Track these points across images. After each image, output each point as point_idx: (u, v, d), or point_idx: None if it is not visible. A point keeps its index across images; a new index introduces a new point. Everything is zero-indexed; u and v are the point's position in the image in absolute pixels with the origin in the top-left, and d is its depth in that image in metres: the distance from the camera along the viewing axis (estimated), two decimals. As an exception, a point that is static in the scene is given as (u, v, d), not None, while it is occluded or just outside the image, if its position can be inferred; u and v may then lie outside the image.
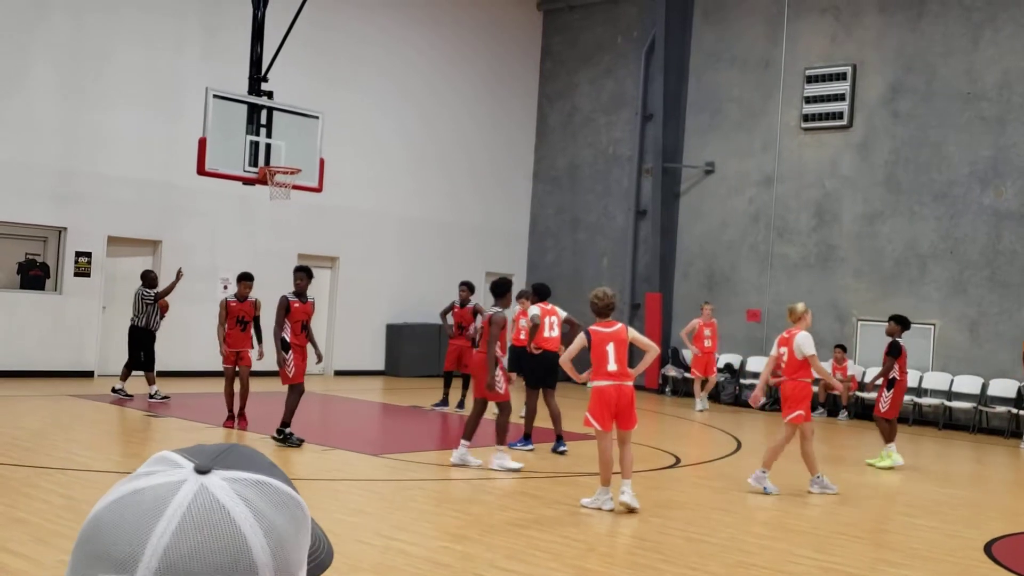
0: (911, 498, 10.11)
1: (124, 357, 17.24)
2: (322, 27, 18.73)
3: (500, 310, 10.39)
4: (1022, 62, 16.91)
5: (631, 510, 8.24)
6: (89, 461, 9.45)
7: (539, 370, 11.64)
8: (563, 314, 12.01)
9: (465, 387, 15.22)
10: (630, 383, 8.23)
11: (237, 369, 12.03)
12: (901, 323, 12.41)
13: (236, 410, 12.04)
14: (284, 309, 10.96)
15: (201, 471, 0.88)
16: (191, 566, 0.83)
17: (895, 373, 12.11)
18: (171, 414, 12.70)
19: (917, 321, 17.53)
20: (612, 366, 8.13)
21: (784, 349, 10.00)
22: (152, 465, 0.91)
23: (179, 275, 14.12)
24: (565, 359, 8.52)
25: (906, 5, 18.15)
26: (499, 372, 10.11)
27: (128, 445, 10.84)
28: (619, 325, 8.33)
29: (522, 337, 14.46)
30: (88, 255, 16.70)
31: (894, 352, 12.09)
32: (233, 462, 0.91)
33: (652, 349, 8.36)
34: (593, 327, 8.34)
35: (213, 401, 14.40)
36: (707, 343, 17.52)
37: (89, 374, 16.67)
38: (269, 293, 14.29)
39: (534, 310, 11.76)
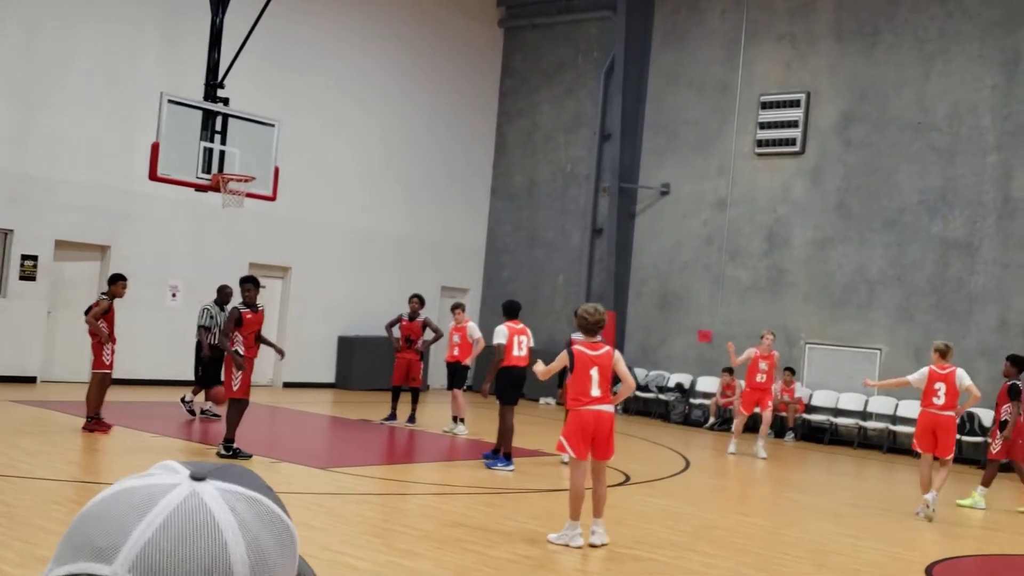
0: (857, 520, 10.21)
1: (69, 362, 17.00)
2: (281, 36, 18.63)
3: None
4: (972, 94, 17.28)
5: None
6: (31, 468, 9.25)
7: (509, 387, 11.59)
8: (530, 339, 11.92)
9: (414, 401, 15.16)
10: (610, 408, 7.75)
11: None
12: (1018, 364, 11.82)
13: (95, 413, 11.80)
14: (235, 321, 10.74)
15: (196, 478, 0.90)
16: (168, 563, 0.84)
17: (1007, 415, 11.65)
18: (119, 423, 12.44)
19: (864, 346, 17.80)
20: (595, 391, 7.64)
21: (942, 385, 10.39)
22: (153, 469, 0.93)
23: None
24: (542, 372, 8.03)
25: (860, 35, 18.48)
26: None
27: (70, 452, 10.63)
28: (606, 348, 7.77)
29: (456, 353, 14.50)
30: (35, 259, 16.40)
31: (1014, 394, 11.60)
32: (230, 476, 0.92)
33: (628, 382, 7.82)
34: (578, 347, 7.75)
35: (162, 410, 14.19)
36: (761, 377, 14.96)
37: (32, 379, 16.35)
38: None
39: (502, 330, 11.64)
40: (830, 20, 18.84)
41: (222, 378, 12.26)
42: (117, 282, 12.24)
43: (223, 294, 13.80)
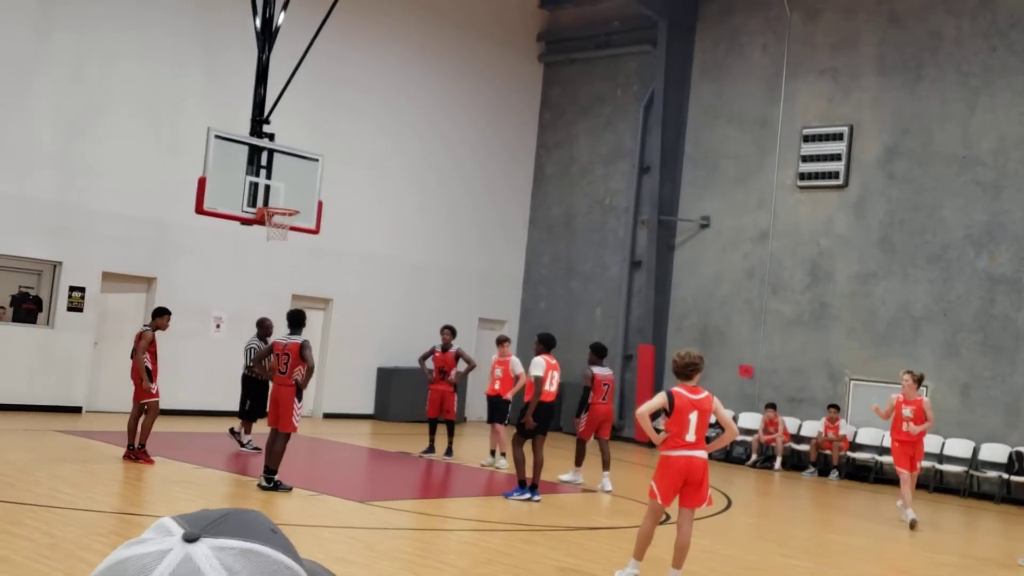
0: (903, 563, 10.03)
1: (114, 393, 17.19)
2: (325, 72, 18.87)
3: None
4: (1017, 128, 17.08)
5: None
6: (73, 499, 9.35)
7: (537, 419, 11.55)
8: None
9: (450, 433, 15.14)
10: (704, 455, 7.56)
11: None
12: None
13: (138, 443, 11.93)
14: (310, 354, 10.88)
15: (189, 539, 0.87)
16: None
17: None
18: (161, 454, 12.55)
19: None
20: (691, 436, 7.46)
21: None
22: (148, 532, 0.91)
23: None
24: (644, 412, 7.67)
25: (904, 69, 18.36)
26: None
27: (112, 483, 10.73)
28: (705, 393, 7.59)
29: (497, 387, 14.49)
30: (82, 290, 16.66)
31: None
32: (227, 529, 0.89)
33: (731, 429, 7.72)
34: (677, 389, 7.59)
35: (205, 441, 14.29)
36: (907, 426, 12.31)
37: (77, 410, 16.56)
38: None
39: (540, 362, 11.59)
40: (873, 55, 18.75)
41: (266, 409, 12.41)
42: (162, 315, 12.37)
43: (264, 327, 13.86)
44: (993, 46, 17.44)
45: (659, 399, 7.66)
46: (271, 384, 11.24)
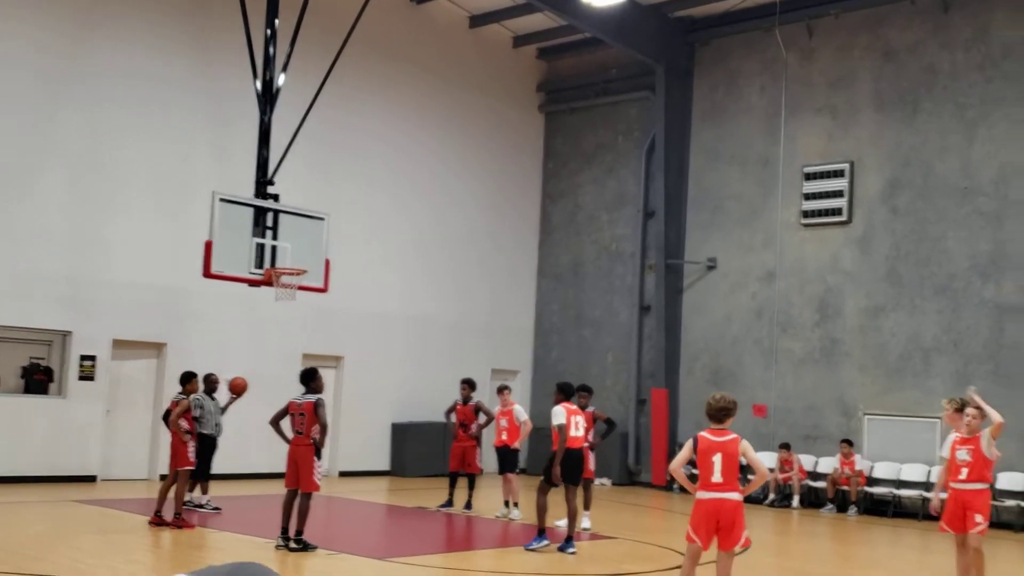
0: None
1: (128, 460, 17.20)
2: (328, 130, 19.09)
3: None
4: (1016, 158, 17.19)
5: None
6: (93, 569, 9.34)
7: (565, 468, 11.56)
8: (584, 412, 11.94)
9: (471, 487, 15.10)
10: (735, 496, 7.52)
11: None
12: None
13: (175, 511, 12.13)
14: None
15: None
16: None
17: None
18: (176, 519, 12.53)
19: (923, 415, 17.50)
20: (717, 477, 7.50)
21: None
22: None
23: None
24: (675, 466, 7.75)
25: (901, 104, 18.52)
26: None
27: (133, 552, 10.71)
28: (732, 435, 7.62)
29: (504, 437, 14.50)
30: (92, 359, 16.71)
31: None
32: None
33: (761, 472, 7.67)
34: (702, 433, 7.69)
35: (220, 504, 14.26)
36: (963, 473, 9.52)
37: (92, 479, 16.55)
38: (274, 394, 14.30)
39: (560, 410, 11.61)
40: (870, 91, 18.93)
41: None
42: (191, 380, 12.69)
43: (209, 382, 13.78)
44: (988, 77, 17.61)
45: (686, 448, 7.71)
46: (288, 445, 11.20)
